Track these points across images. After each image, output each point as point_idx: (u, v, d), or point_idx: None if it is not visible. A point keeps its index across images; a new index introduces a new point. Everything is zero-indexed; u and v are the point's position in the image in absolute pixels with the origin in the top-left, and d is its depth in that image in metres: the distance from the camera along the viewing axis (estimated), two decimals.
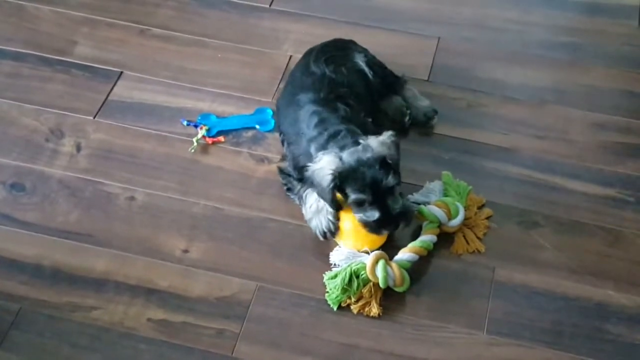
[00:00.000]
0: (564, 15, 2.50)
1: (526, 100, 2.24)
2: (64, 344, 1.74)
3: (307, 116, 1.91)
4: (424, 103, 2.15)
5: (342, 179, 1.76)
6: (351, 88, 1.98)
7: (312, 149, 1.86)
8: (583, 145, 2.14)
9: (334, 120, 1.88)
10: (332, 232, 1.87)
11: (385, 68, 2.15)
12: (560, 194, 2.02)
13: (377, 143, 1.78)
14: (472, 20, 2.46)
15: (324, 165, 1.78)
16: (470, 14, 2.48)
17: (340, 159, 1.77)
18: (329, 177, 1.76)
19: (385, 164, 1.76)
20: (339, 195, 1.81)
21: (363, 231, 1.82)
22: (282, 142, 2.04)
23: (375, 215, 1.78)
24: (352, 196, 1.77)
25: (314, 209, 1.89)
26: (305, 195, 1.91)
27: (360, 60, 2.08)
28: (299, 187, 1.93)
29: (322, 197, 1.82)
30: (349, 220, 1.85)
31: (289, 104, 2.00)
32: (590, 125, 2.19)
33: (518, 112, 2.21)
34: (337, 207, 1.83)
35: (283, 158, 2.03)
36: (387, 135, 1.81)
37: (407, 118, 2.11)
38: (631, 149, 2.13)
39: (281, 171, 2.00)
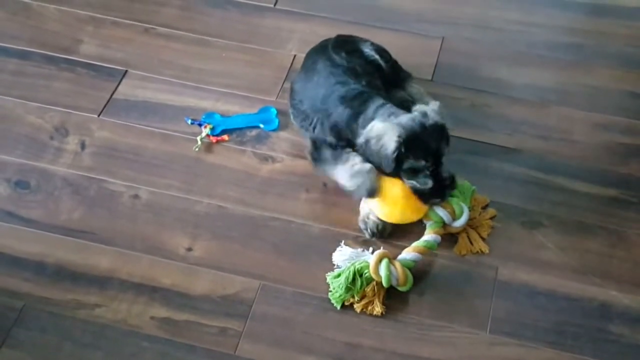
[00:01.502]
0: (567, 16, 2.50)
1: (530, 101, 2.24)
2: (67, 341, 1.74)
3: (351, 94, 1.90)
4: (432, 104, 2.14)
5: (407, 145, 1.75)
6: (373, 78, 2.00)
7: (360, 122, 1.84)
8: (586, 146, 2.14)
9: (377, 98, 1.89)
10: (376, 191, 1.83)
11: (391, 58, 2.14)
12: (564, 194, 2.03)
13: (432, 112, 1.79)
14: (475, 20, 2.47)
15: (385, 131, 1.77)
16: (473, 14, 2.49)
17: (400, 124, 1.76)
18: (394, 144, 1.75)
19: (444, 132, 1.78)
20: None
21: (403, 202, 1.82)
22: (311, 123, 1.98)
23: (429, 183, 1.79)
24: (412, 163, 1.76)
25: (358, 169, 1.84)
26: (348, 156, 1.87)
27: (368, 49, 2.08)
28: (329, 152, 1.90)
29: (380, 164, 1.80)
30: (391, 191, 1.84)
31: (318, 86, 1.97)
32: (593, 126, 2.19)
33: (521, 112, 2.21)
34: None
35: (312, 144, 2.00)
36: (437, 105, 1.82)
37: None
38: (634, 150, 2.13)
39: (314, 142, 1.96)
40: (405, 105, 2.10)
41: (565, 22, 2.48)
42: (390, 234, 1.91)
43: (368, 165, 1.84)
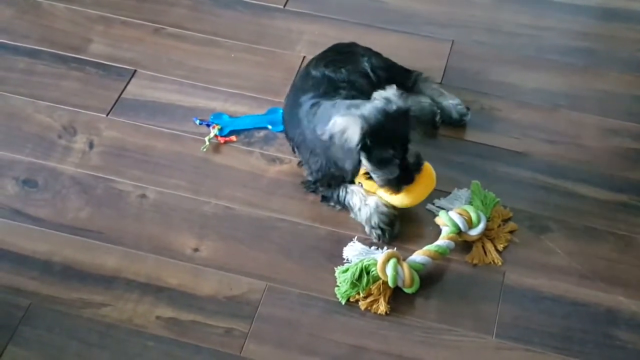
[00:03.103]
0: (578, 20, 2.49)
1: (539, 105, 2.23)
2: (73, 340, 1.74)
3: (307, 109, 1.91)
4: (454, 101, 2.13)
5: (371, 136, 1.70)
6: (352, 84, 1.96)
7: (319, 133, 1.82)
8: (595, 151, 2.13)
9: (328, 101, 1.86)
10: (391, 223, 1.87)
11: (393, 67, 2.12)
12: (572, 199, 2.02)
13: (394, 96, 1.74)
14: (485, 24, 2.46)
15: (347, 124, 1.72)
16: (483, 17, 2.48)
17: (363, 116, 1.71)
18: (357, 137, 1.69)
19: (408, 116, 1.73)
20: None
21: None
22: (292, 148, 2.04)
23: (396, 172, 1.76)
24: (379, 153, 1.72)
25: (373, 206, 1.86)
26: (346, 200, 1.91)
27: (364, 65, 2.05)
28: (334, 192, 1.92)
29: (344, 161, 1.75)
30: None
31: (292, 107, 2.00)
32: (603, 130, 2.18)
33: (531, 116, 2.20)
34: (356, 171, 1.78)
35: (300, 163, 2.03)
36: (394, 89, 1.77)
37: (438, 117, 2.10)
38: None
39: (307, 186, 1.98)
40: (431, 110, 2.09)
41: (576, 27, 2.47)
42: (403, 237, 1.91)
43: (372, 202, 1.87)
